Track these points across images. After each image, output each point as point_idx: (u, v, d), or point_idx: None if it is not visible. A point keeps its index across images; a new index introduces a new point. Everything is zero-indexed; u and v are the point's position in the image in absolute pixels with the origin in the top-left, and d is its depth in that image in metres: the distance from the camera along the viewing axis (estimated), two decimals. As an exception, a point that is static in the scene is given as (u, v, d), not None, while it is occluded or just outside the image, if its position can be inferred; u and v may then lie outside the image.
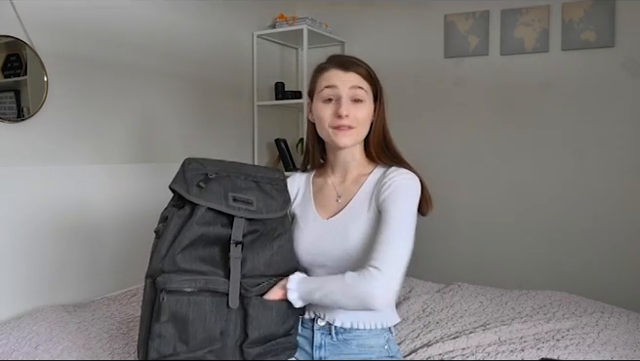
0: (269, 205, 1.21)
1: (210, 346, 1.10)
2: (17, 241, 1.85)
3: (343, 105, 1.24)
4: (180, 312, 1.08)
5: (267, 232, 1.22)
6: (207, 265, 1.13)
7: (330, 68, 1.29)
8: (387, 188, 1.23)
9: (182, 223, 1.13)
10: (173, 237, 1.12)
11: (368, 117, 1.29)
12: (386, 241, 1.15)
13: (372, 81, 1.30)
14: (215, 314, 1.11)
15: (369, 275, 1.12)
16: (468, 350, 1.48)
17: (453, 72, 2.95)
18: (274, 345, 1.18)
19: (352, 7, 3.21)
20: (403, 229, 1.18)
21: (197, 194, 1.14)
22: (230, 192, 1.17)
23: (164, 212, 1.19)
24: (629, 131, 2.59)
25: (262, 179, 1.24)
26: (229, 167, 1.22)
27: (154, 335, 1.08)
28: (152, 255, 1.15)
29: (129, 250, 2.18)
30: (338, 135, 1.27)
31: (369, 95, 1.29)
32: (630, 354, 1.42)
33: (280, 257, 1.22)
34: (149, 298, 1.12)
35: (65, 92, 2.03)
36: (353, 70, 1.27)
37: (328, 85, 1.27)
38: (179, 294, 1.09)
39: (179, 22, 2.54)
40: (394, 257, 1.14)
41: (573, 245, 2.72)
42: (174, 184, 1.18)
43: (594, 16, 2.60)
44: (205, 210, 1.13)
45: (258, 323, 1.15)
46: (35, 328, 1.61)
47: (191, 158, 1.20)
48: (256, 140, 3.06)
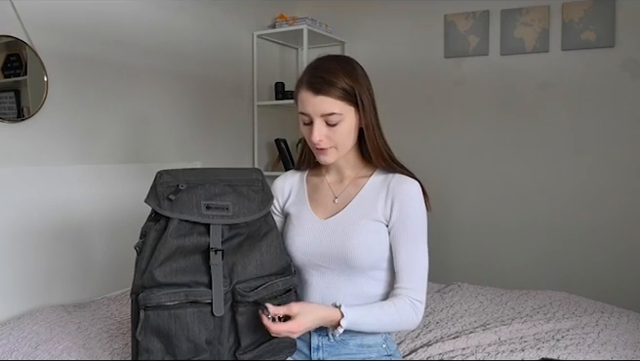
0: (247, 207, 1.20)
1: (197, 356, 1.11)
2: (17, 241, 1.85)
3: (315, 132, 1.22)
4: (162, 326, 1.09)
5: (252, 234, 1.21)
6: (189, 276, 1.12)
7: (302, 89, 1.24)
8: (399, 203, 1.25)
9: (158, 238, 1.13)
10: (150, 252, 1.13)
11: (347, 133, 1.25)
12: (418, 264, 1.25)
13: (348, 97, 1.22)
14: (198, 324, 1.10)
15: (417, 310, 1.23)
16: (468, 350, 1.48)
17: (453, 72, 2.95)
18: (270, 346, 1.18)
19: (352, 7, 3.21)
20: (424, 245, 1.27)
21: (168, 208, 1.13)
22: (203, 200, 1.16)
23: (143, 227, 1.19)
24: (629, 131, 2.59)
25: (238, 182, 1.22)
26: (202, 175, 1.20)
27: (142, 350, 1.10)
28: (135, 271, 1.15)
29: (129, 250, 2.17)
30: (318, 155, 1.28)
31: (346, 112, 1.23)
32: (630, 354, 1.42)
33: (270, 256, 1.21)
34: (134, 314, 1.13)
35: (65, 92, 2.03)
36: (324, 94, 1.20)
37: (301, 111, 1.25)
38: (159, 309, 1.09)
39: (179, 22, 2.54)
40: (424, 280, 1.26)
41: (573, 245, 2.72)
42: (147, 199, 1.18)
43: (594, 16, 2.60)
44: (178, 222, 1.13)
45: (248, 330, 1.15)
46: (35, 328, 1.61)
47: (163, 170, 1.19)
48: (256, 140, 3.06)
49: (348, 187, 1.33)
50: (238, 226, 1.19)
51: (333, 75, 1.21)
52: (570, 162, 2.71)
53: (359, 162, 1.35)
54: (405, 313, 1.22)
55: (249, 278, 1.17)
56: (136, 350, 1.13)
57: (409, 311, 1.22)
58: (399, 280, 1.25)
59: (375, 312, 1.20)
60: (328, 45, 3.24)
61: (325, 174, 1.38)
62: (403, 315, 1.21)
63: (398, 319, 1.21)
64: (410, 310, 1.22)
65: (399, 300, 1.23)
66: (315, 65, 1.26)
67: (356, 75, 1.24)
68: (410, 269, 1.24)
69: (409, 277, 1.24)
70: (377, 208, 1.27)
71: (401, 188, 1.26)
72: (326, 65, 1.24)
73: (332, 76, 1.21)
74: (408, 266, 1.24)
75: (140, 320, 1.09)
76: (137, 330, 1.10)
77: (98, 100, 2.16)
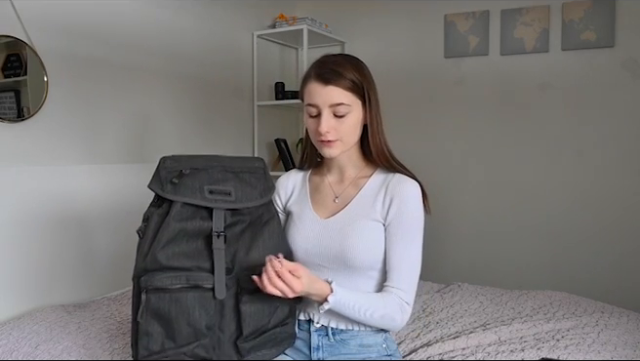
0: (249, 193, 1.21)
1: (197, 341, 1.11)
2: (17, 241, 1.85)
3: (323, 123, 1.23)
4: (162, 310, 1.09)
5: (254, 221, 1.22)
6: (191, 260, 1.13)
7: (311, 81, 1.25)
8: (396, 202, 1.25)
9: (161, 221, 1.14)
10: (153, 235, 1.13)
11: (354, 126, 1.26)
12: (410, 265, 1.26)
13: (357, 89, 1.24)
14: (199, 309, 1.11)
15: (404, 311, 1.24)
16: (468, 350, 1.48)
17: (453, 72, 2.95)
18: (270, 336, 1.18)
19: (352, 7, 3.21)
20: (418, 246, 1.27)
21: (171, 191, 1.14)
22: (206, 185, 1.17)
23: (146, 212, 1.20)
24: (629, 131, 2.59)
25: (241, 168, 1.24)
26: (206, 160, 1.22)
27: (142, 333, 1.10)
28: (137, 255, 1.16)
29: (130, 250, 2.17)
30: (323, 148, 1.28)
31: (354, 104, 1.25)
32: (630, 354, 1.42)
33: (272, 242, 1.21)
34: (136, 297, 1.14)
35: (65, 92, 2.03)
36: (333, 84, 1.22)
37: (309, 103, 1.26)
38: (160, 292, 1.10)
39: (179, 23, 2.54)
40: (415, 282, 1.27)
41: (573, 245, 2.72)
42: (150, 184, 1.19)
43: (594, 16, 2.60)
44: (181, 205, 1.14)
45: (250, 319, 1.15)
46: (35, 328, 1.61)
47: (167, 156, 1.21)
48: (256, 140, 3.06)
49: (349, 187, 1.33)
50: (240, 213, 1.19)
51: (342, 67, 1.24)
52: (570, 162, 2.71)
53: (361, 160, 1.35)
54: (392, 311, 1.22)
55: (253, 265, 1.17)
56: (135, 334, 1.12)
57: (396, 310, 1.23)
58: (390, 279, 1.25)
59: (363, 300, 1.21)
60: (328, 45, 3.24)
61: (326, 173, 1.38)
62: (390, 312, 1.22)
63: (383, 313, 1.22)
64: (397, 308, 1.23)
65: (388, 296, 1.23)
66: (323, 60, 1.29)
67: (364, 71, 1.28)
68: (401, 269, 1.25)
69: (399, 277, 1.24)
70: (375, 208, 1.27)
71: (400, 188, 1.27)
72: (334, 59, 1.27)
73: (341, 68, 1.23)
74: (399, 266, 1.25)
75: (142, 303, 1.10)
76: (137, 313, 1.10)
77: (98, 99, 2.16)
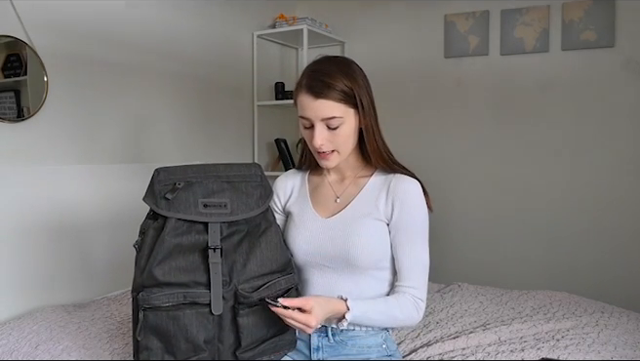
0: (245, 203, 1.19)
1: (196, 355, 1.11)
2: (17, 241, 1.85)
3: (317, 136, 1.22)
4: (160, 327, 1.10)
5: (252, 230, 1.20)
6: (188, 275, 1.12)
7: (302, 92, 1.23)
8: (400, 202, 1.26)
9: (157, 236, 1.13)
10: (149, 251, 1.12)
11: (349, 135, 1.25)
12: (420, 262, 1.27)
13: (348, 99, 1.22)
14: (196, 326, 1.10)
15: (419, 308, 1.26)
16: (468, 350, 1.48)
17: (453, 72, 2.95)
18: (270, 344, 1.18)
19: (352, 7, 3.21)
20: (425, 244, 1.28)
21: (165, 207, 1.13)
22: (201, 198, 1.15)
23: (142, 224, 1.19)
24: (629, 131, 2.59)
25: (236, 177, 1.21)
26: (200, 171, 1.19)
27: (142, 348, 1.11)
28: (135, 268, 1.15)
29: (130, 250, 2.17)
30: (320, 159, 1.28)
31: (346, 114, 1.23)
32: (630, 354, 1.42)
33: (270, 252, 1.20)
34: (134, 313, 1.14)
35: (65, 92, 2.02)
36: (323, 97, 1.20)
37: (301, 115, 1.25)
38: (157, 310, 1.10)
39: (179, 23, 2.54)
40: (426, 279, 1.28)
41: (572, 245, 2.71)
42: (145, 197, 1.17)
43: (594, 16, 2.60)
44: (175, 221, 1.12)
45: (248, 331, 1.15)
46: (35, 328, 1.61)
47: (160, 168, 1.18)
48: (256, 140, 3.06)
49: (350, 187, 1.33)
50: (237, 223, 1.18)
51: (331, 78, 1.21)
52: (570, 162, 2.71)
53: (359, 163, 1.35)
54: (407, 310, 1.24)
55: (250, 277, 1.16)
56: (136, 348, 1.13)
57: (411, 309, 1.25)
58: (401, 278, 1.27)
59: (379, 308, 1.22)
60: (328, 45, 3.24)
61: (326, 173, 1.38)
62: (405, 312, 1.24)
63: (401, 316, 1.24)
64: (412, 308, 1.25)
65: (402, 298, 1.25)
66: (313, 68, 1.26)
67: (355, 76, 1.24)
68: (411, 268, 1.26)
69: (410, 276, 1.26)
70: (378, 207, 1.27)
71: (402, 188, 1.27)
72: (324, 68, 1.24)
73: (330, 79, 1.20)
74: (409, 265, 1.26)
75: (140, 320, 1.10)
76: (136, 330, 1.11)
77: (98, 99, 2.16)
